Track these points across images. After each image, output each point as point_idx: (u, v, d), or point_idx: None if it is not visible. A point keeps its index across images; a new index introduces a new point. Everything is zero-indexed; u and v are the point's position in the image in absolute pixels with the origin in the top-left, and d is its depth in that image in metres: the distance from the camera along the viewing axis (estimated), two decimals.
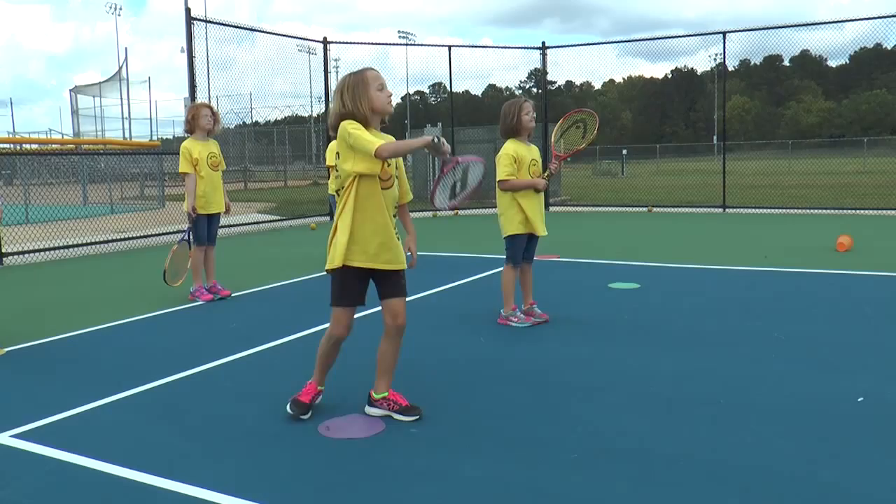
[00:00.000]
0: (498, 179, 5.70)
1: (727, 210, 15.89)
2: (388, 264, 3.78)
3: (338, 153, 3.71)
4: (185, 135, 7.46)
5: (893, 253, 9.26)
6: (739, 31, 17.00)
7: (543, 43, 17.21)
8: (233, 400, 4.28)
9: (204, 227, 7.32)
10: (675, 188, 22.14)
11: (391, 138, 3.70)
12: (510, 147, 5.69)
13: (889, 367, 4.57)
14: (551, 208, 17.14)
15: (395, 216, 3.85)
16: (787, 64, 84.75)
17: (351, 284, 3.77)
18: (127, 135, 36.16)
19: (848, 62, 77.48)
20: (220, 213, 7.48)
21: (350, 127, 3.60)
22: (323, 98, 16.03)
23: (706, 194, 18.03)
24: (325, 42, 15.72)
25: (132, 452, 3.50)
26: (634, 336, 5.48)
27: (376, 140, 3.56)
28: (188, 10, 12.67)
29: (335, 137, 3.77)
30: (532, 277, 6.00)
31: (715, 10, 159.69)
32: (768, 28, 17.69)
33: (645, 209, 16.81)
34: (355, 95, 3.69)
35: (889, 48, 65.31)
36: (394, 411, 3.88)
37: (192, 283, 7.26)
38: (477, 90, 67.89)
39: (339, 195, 3.77)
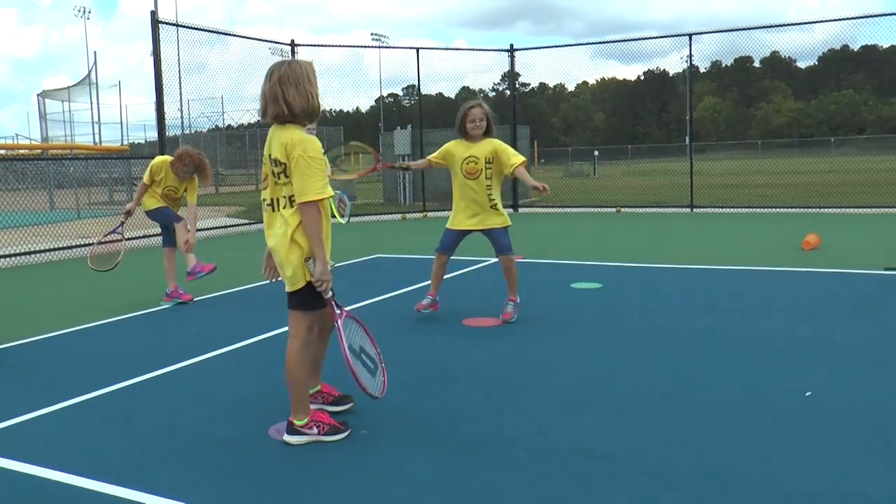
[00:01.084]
0: None
1: (695, 210, 16.03)
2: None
3: (281, 160, 3.47)
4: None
5: (853, 250, 9.39)
6: (706, 32, 17.18)
7: (511, 45, 17.35)
8: (186, 404, 4.26)
9: (168, 210, 7.33)
10: (644, 188, 22.32)
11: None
12: (450, 142, 6.07)
13: (838, 362, 4.64)
14: (520, 210, 17.24)
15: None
16: (758, 65, 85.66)
17: None
18: (97, 139, 35.75)
19: (816, 63, 78.56)
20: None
21: (315, 153, 3.43)
22: None
23: (675, 194, 18.17)
24: (292, 45, 15.68)
25: (79, 459, 3.47)
26: (592, 335, 5.52)
27: (328, 189, 3.46)
28: (153, 14, 12.57)
29: (281, 122, 3.50)
30: (515, 272, 6.02)
31: (686, 13, 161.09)
32: (734, 30, 17.89)
33: (613, 210, 16.91)
34: (315, 89, 3.52)
35: (855, 49, 66.42)
36: (327, 403, 3.86)
37: (167, 284, 7.23)
38: (451, 92, 67.98)
39: (290, 202, 3.50)
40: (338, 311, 3.62)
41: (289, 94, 3.45)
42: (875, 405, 3.86)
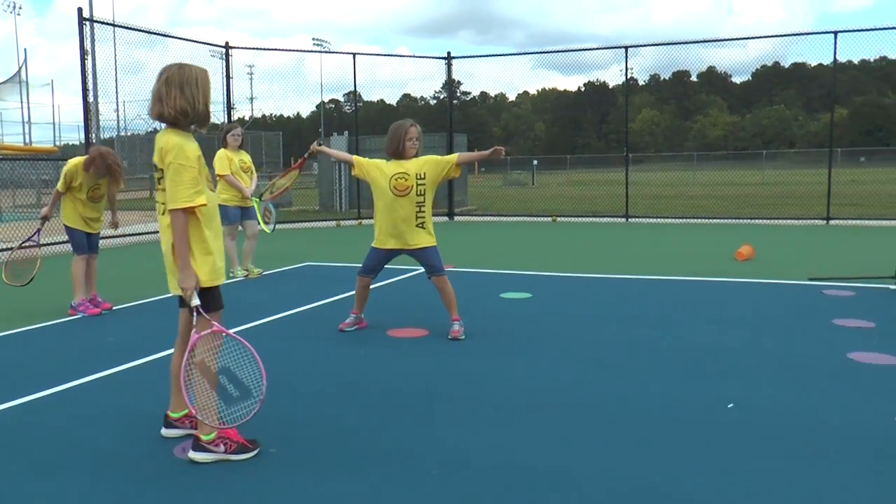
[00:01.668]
0: None
1: (630, 220, 16.17)
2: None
3: (158, 166, 3.40)
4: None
5: (781, 261, 9.52)
6: (643, 45, 17.44)
7: (449, 53, 17.33)
8: (92, 421, 4.02)
9: (82, 237, 6.98)
10: (581, 198, 22.48)
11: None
12: (378, 161, 5.82)
13: (762, 373, 4.64)
14: (456, 218, 17.20)
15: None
16: (695, 79, 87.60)
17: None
18: (27, 139, 34.67)
19: (750, 79, 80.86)
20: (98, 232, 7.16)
21: (186, 161, 3.32)
22: (225, 104, 15.58)
23: (611, 204, 18.32)
24: (226, 47, 15.37)
25: None
26: (517, 346, 5.44)
27: (198, 197, 3.33)
28: (80, 11, 12.17)
29: (165, 123, 3.41)
30: (449, 293, 5.79)
31: (628, 27, 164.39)
32: (670, 43, 18.15)
33: (549, 219, 16.96)
34: (206, 96, 3.40)
35: (786, 67, 68.52)
36: (195, 427, 3.68)
37: (73, 296, 6.89)
38: (392, 99, 67.83)
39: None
40: (200, 323, 3.46)
41: (172, 94, 3.35)
42: (796, 417, 3.86)
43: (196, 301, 3.41)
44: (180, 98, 3.34)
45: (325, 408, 4.15)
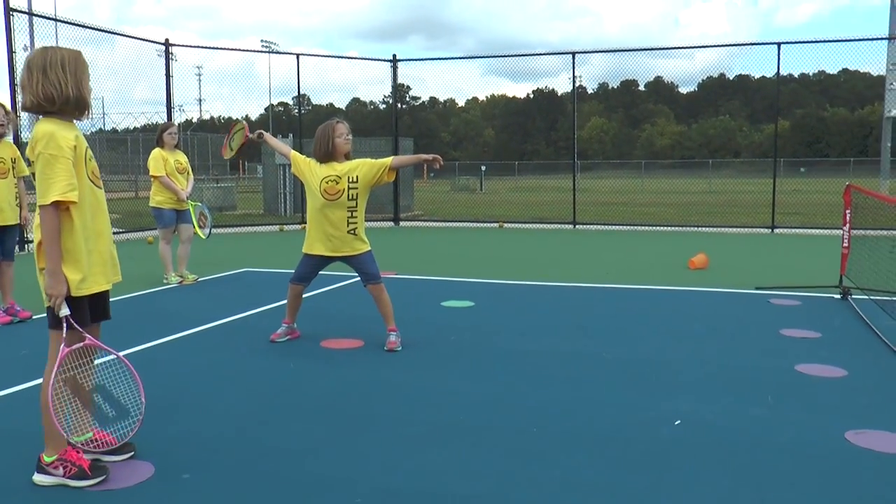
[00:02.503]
0: None
1: (577, 226, 16.07)
2: (117, 276, 3.39)
3: (31, 159, 3.08)
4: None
5: (728, 269, 9.45)
6: (590, 52, 17.45)
7: (394, 56, 17.06)
8: None
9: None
10: (529, 205, 22.41)
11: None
12: (312, 161, 5.49)
13: (710, 386, 4.47)
14: (401, 223, 16.94)
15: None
16: (643, 89, 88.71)
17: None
18: None
19: (696, 90, 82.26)
20: (15, 225, 6.71)
21: (58, 150, 2.99)
22: (166, 104, 15.08)
23: (559, 211, 18.22)
24: (166, 44, 14.90)
25: None
26: (456, 359, 5.18)
27: (70, 191, 2.99)
28: (6, 1, 11.59)
29: (35, 113, 3.11)
30: (385, 301, 5.53)
31: (577, 36, 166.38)
32: (617, 50, 18.26)
33: (496, 225, 16.79)
34: (78, 79, 3.08)
35: (731, 78, 69.89)
36: (102, 452, 3.32)
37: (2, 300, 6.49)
38: (342, 103, 67.38)
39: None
40: (75, 337, 3.15)
41: (34, 80, 3.05)
42: (745, 434, 3.69)
43: (65, 311, 3.07)
44: (44, 82, 3.03)
45: (247, 427, 3.84)
